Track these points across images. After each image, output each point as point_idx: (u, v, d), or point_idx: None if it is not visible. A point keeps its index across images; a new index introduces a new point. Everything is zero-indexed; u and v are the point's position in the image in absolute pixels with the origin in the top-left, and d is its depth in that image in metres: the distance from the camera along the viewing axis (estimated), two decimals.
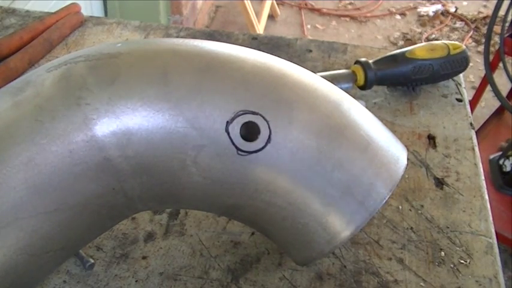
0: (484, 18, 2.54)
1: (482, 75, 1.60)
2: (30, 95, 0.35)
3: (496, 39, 2.13)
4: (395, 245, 0.47)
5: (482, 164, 0.56)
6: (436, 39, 2.31)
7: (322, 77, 0.42)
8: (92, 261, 0.44)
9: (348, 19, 2.53)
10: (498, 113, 1.64)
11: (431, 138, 0.58)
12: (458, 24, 2.53)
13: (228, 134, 0.34)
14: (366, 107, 0.40)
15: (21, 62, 0.65)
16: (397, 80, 0.63)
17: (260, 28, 2.14)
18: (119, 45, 0.38)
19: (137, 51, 0.37)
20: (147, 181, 0.36)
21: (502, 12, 1.20)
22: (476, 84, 1.74)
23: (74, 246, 0.39)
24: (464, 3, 2.67)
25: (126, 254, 0.45)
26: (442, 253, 0.46)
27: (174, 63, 0.36)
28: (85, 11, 0.77)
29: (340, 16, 2.54)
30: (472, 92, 1.69)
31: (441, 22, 2.53)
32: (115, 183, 0.35)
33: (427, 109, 0.62)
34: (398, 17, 2.57)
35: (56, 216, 0.34)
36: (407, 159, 0.39)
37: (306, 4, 2.60)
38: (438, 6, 2.62)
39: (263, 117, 0.34)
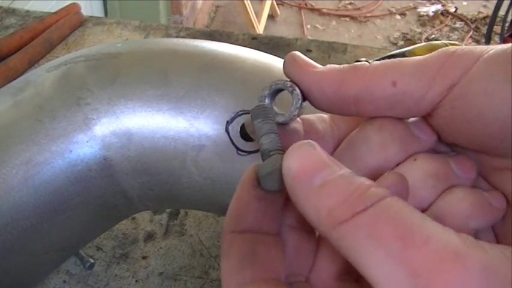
0: (484, 18, 2.54)
1: None
2: (30, 95, 0.35)
3: (496, 39, 2.13)
4: None
5: None
6: (436, 39, 2.31)
7: None
8: (92, 261, 0.44)
9: (348, 19, 2.53)
10: None
11: None
12: (458, 24, 2.53)
13: (228, 134, 0.34)
14: None
15: (21, 62, 0.65)
16: None
17: (260, 28, 2.14)
18: (119, 45, 0.38)
19: (137, 51, 0.37)
20: (147, 181, 0.36)
21: (502, 12, 1.20)
22: None
23: (74, 246, 0.39)
24: (464, 3, 2.67)
25: (126, 254, 0.45)
26: None
27: (174, 63, 0.36)
28: (85, 11, 0.77)
29: (340, 16, 2.54)
30: None
31: (441, 22, 2.53)
32: (115, 184, 0.35)
33: None
34: (398, 17, 2.57)
35: (56, 216, 0.34)
36: None
37: (306, 4, 2.60)
38: (438, 6, 2.63)
39: None
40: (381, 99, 0.21)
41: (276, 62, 0.38)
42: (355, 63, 0.21)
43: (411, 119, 0.22)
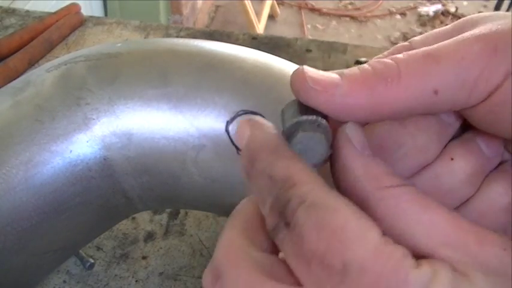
0: None
1: None
2: (30, 95, 0.35)
3: None
4: None
5: None
6: None
7: None
8: (92, 261, 0.44)
9: (348, 19, 2.53)
10: None
11: None
12: None
13: (228, 134, 0.34)
14: None
15: (21, 62, 0.65)
16: None
17: (260, 28, 2.14)
18: (119, 45, 0.38)
19: (137, 51, 0.37)
20: (147, 181, 0.36)
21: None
22: None
23: (74, 246, 0.39)
24: (464, 3, 2.67)
25: (126, 254, 0.45)
26: None
27: (173, 63, 0.36)
28: (85, 11, 0.76)
29: (340, 16, 2.54)
30: None
31: (441, 22, 2.53)
32: (115, 184, 0.35)
33: None
34: (398, 17, 2.57)
35: (56, 216, 0.34)
36: None
37: (306, 4, 2.60)
38: (438, 6, 2.62)
39: (263, 117, 0.34)
40: (420, 107, 0.20)
41: (276, 62, 0.38)
42: (376, 65, 0.20)
43: None
